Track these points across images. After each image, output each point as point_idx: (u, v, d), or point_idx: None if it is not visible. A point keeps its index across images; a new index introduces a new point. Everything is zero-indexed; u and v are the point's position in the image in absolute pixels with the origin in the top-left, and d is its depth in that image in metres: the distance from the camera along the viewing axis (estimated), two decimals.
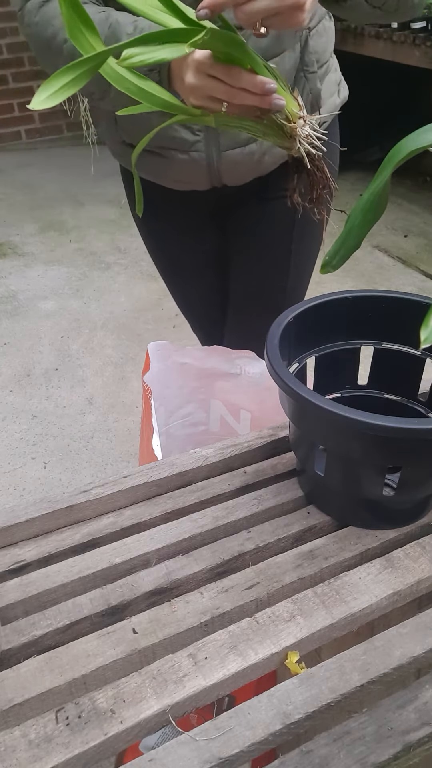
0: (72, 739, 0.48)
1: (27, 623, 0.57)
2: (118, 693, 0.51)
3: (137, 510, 0.69)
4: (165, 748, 0.48)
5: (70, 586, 0.61)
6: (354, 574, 0.60)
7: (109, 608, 0.58)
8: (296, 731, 0.50)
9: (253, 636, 0.55)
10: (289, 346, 0.68)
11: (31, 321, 2.43)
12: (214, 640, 0.55)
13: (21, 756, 0.47)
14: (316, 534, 0.66)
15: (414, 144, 0.58)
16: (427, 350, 0.72)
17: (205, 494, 0.70)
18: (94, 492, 0.69)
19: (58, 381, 2.12)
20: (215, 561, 0.62)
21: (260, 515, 0.68)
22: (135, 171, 0.73)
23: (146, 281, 2.67)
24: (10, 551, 0.65)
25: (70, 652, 0.54)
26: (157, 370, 1.01)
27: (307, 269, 1.14)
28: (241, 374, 1.01)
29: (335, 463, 0.62)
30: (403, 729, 0.50)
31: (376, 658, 0.53)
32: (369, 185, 0.65)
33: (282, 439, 0.77)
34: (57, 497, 0.68)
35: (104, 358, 2.22)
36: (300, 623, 0.56)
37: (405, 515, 0.66)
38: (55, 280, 2.69)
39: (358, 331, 0.73)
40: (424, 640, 0.55)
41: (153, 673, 0.52)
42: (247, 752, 0.48)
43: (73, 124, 4.04)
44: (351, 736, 0.50)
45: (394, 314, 0.71)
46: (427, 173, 3.47)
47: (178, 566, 0.62)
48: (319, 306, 0.70)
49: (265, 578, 0.60)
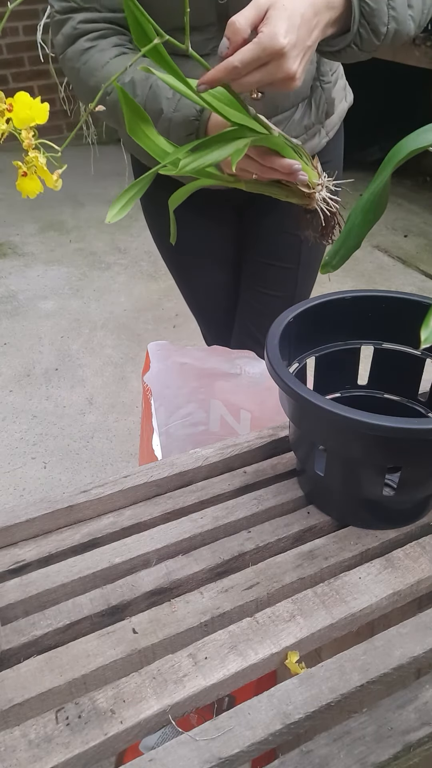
0: (72, 739, 0.48)
1: (27, 623, 0.57)
2: (118, 693, 0.51)
3: (137, 510, 0.69)
4: (165, 748, 0.48)
5: (70, 586, 0.61)
6: (354, 574, 0.60)
7: (109, 608, 0.58)
8: (296, 731, 0.50)
9: (253, 636, 0.55)
10: (289, 346, 0.68)
11: (31, 321, 2.43)
12: (214, 640, 0.55)
13: (21, 756, 0.47)
14: (316, 534, 0.67)
15: (414, 144, 0.58)
16: (427, 350, 0.72)
17: (205, 494, 0.70)
18: (94, 492, 0.69)
19: (58, 381, 2.12)
20: (215, 561, 0.62)
21: (260, 515, 0.68)
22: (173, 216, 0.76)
23: (146, 281, 2.67)
24: (10, 551, 0.65)
25: (70, 652, 0.54)
26: (157, 370, 1.01)
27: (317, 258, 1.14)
28: (241, 374, 1.01)
29: (335, 463, 0.62)
30: (403, 729, 0.50)
31: (376, 658, 0.53)
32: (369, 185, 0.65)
33: (282, 439, 0.77)
34: (57, 497, 0.68)
35: (104, 358, 2.22)
36: (300, 623, 0.56)
37: (405, 515, 0.66)
38: (55, 280, 2.70)
39: (358, 331, 0.73)
40: (424, 640, 0.55)
41: (153, 673, 0.52)
42: (247, 752, 0.48)
43: (73, 124, 4.04)
44: (351, 736, 0.50)
45: (394, 314, 0.71)
46: (427, 173, 3.47)
47: (178, 566, 0.62)
48: (319, 306, 0.70)
49: (265, 578, 0.60)
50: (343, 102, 1.05)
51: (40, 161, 0.55)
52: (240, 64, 0.64)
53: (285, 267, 1.11)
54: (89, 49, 0.84)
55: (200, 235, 1.14)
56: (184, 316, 2.24)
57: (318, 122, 0.99)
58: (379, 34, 0.76)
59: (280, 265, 1.11)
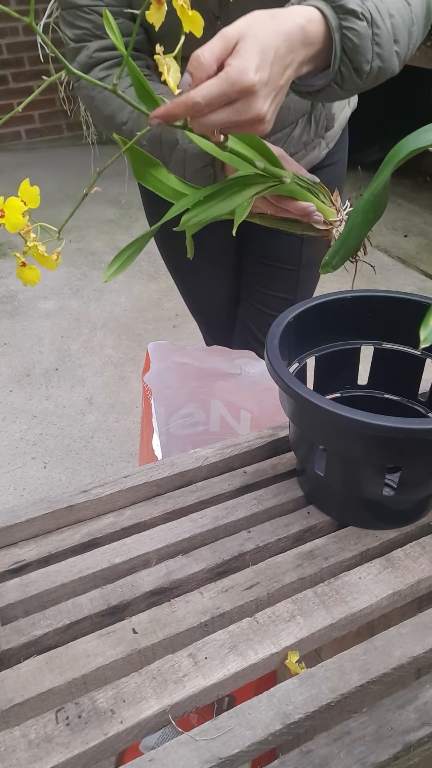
0: (72, 739, 0.48)
1: (27, 623, 0.57)
2: (118, 693, 0.51)
3: (137, 510, 0.69)
4: (165, 748, 0.48)
5: (70, 586, 0.61)
6: (354, 574, 0.60)
7: (109, 608, 0.58)
8: (296, 731, 0.50)
9: (253, 636, 0.55)
10: (289, 346, 0.68)
11: (31, 321, 2.43)
12: (214, 640, 0.55)
13: (21, 756, 0.47)
14: (316, 534, 0.67)
15: (414, 144, 0.58)
16: (427, 350, 0.72)
17: (205, 494, 0.70)
18: (94, 492, 0.69)
19: (58, 381, 2.12)
20: (215, 561, 0.62)
21: (260, 515, 0.68)
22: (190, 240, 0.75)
23: (146, 281, 2.67)
24: (10, 551, 0.65)
25: (70, 652, 0.54)
26: (157, 370, 1.01)
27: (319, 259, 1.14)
28: (241, 374, 1.01)
29: (335, 463, 0.62)
30: (403, 729, 0.50)
31: (376, 658, 0.53)
32: (369, 185, 0.65)
33: (282, 439, 0.77)
34: (57, 497, 0.68)
35: (104, 358, 2.22)
36: (300, 623, 0.56)
37: (405, 515, 0.66)
38: (55, 280, 2.70)
39: (358, 331, 0.73)
40: (424, 640, 0.55)
41: (153, 673, 0.52)
42: (247, 752, 0.48)
43: (73, 124, 4.04)
44: (351, 736, 0.50)
45: (394, 314, 0.71)
46: (427, 173, 3.47)
47: (178, 566, 0.62)
48: (319, 306, 0.70)
49: (265, 578, 0.60)
50: (346, 109, 1.03)
51: (40, 250, 0.55)
52: (202, 100, 0.56)
53: (286, 268, 1.11)
54: (104, 79, 0.83)
55: (200, 238, 1.14)
56: (184, 316, 2.24)
57: (318, 137, 0.98)
58: (362, 73, 0.69)
59: (282, 266, 1.11)
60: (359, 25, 0.65)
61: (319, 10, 0.64)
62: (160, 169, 0.71)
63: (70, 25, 0.84)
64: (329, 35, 0.65)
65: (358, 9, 0.65)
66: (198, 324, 1.33)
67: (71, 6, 0.82)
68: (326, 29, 0.65)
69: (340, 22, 0.65)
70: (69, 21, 0.84)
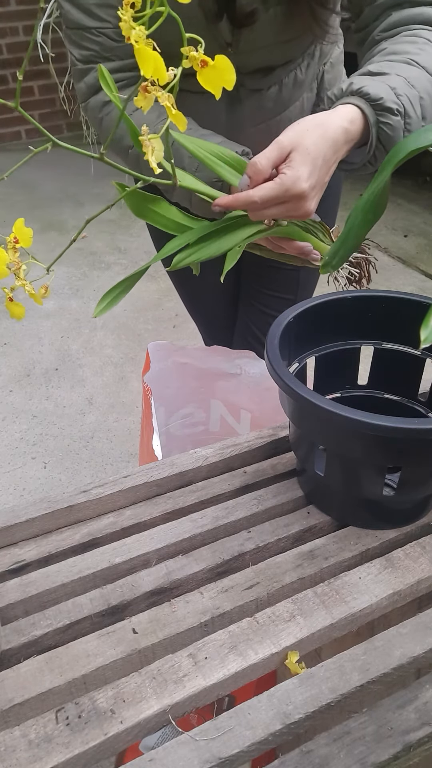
0: (72, 739, 0.48)
1: (27, 623, 0.57)
2: (118, 693, 0.51)
3: (137, 510, 0.69)
4: (165, 748, 0.48)
5: (70, 586, 0.61)
6: (354, 574, 0.60)
7: (109, 608, 0.58)
8: (296, 731, 0.50)
9: (253, 636, 0.55)
10: (289, 346, 0.68)
11: (31, 321, 2.43)
12: (214, 640, 0.55)
13: (21, 756, 0.47)
14: (316, 534, 0.67)
15: (414, 144, 0.58)
16: (427, 350, 0.72)
17: (205, 494, 0.70)
18: (94, 492, 0.69)
19: (58, 381, 2.12)
20: (215, 561, 0.62)
21: (260, 515, 0.68)
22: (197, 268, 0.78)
23: (146, 281, 2.67)
24: (10, 551, 0.65)
25: (70, 652, 0.54)
26: (157, 370, 1.01)
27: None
28: (241, 374, 1.01)
29: (335, 463, 0.62)
30: (403, 729, 0.50)
31: (376, 658, 0.53)
32: (369, 185, 0.65)
33: (282, 439, 0.77)
34: (57, 497, 0.68)
35: (104, 358, 2.22)
36: (300, 623, 0.56)
37: (405, 515, 0.66)
38: (55, 280, 2.70)
39: (358, 331, 0.73)
40: (424, 640, 0.55)
41: (153, 673, 0.52)
42: (247, 752, 0.48)
43: (73, 124, 4.05)
44: (351, 736, 0.50)
45: (394, 314, 0.71)
46: (427, 173, 3.47)
47: (178, 566, 0.62)
48: (319, 306, 0.70)
49: (265, 578, 0.60)
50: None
51: (27, 289, 0.58)
52: (260, 200, 0.67)
53: (286, 269, 1.11)
54: (110, 103, 0.83)
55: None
56: (184, 316, 2.23)
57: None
58: None
59: (281, 268, 1.11)
60: (394, 120, 0.72)
61: (359, 108, 0.72)
62: (160, 203, 0.74)
63: (77, 46, 0.83)
64: (367, 128, 0.73)
65: (394, 107, 0.72)
66: (197, 325, 1.33)
67: (78, 27, 0.81)
68: (365, 124, 0.72)
69: (378, 118, 0.72)
70: (76, 41, 0.83)
